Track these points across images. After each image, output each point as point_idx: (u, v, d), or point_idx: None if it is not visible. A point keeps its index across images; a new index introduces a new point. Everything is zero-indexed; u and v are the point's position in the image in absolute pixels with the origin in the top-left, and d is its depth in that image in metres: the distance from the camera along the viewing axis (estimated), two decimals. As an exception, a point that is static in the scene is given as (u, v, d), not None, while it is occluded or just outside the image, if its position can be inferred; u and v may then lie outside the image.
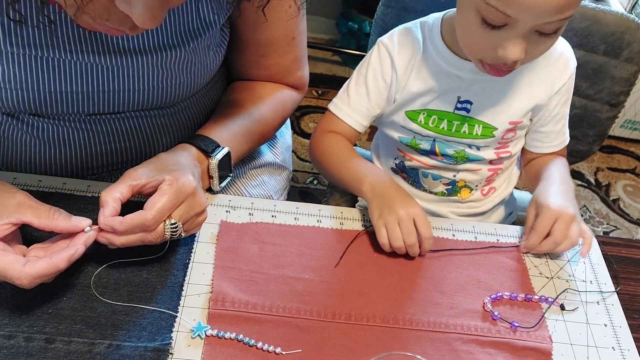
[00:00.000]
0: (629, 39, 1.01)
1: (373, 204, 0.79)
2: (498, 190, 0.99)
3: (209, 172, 0.77)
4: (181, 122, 0.86)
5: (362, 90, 0.90)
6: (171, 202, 0.64)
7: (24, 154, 0.79)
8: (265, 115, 0.88)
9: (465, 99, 0.87)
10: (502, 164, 0.95)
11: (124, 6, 0.51)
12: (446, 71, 0.86)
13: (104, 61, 0.72)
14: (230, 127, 0.83)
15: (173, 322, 0.65)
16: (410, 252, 0.76)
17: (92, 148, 0.80)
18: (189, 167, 0.70)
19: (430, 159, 0.92)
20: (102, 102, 0.75)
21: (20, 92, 0.71)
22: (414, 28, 0.89)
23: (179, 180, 0.65)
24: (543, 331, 0.70)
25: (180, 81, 0.78)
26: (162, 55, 0.74)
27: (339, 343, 0.66)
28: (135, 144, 0.83)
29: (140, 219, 0.62)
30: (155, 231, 0.64)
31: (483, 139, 0.89)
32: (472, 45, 0.77)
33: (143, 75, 0.74)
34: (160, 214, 0.63)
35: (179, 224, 0.65)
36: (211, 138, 0.78)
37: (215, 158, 0.76)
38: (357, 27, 2.29)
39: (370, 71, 0.89)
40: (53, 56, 0.70)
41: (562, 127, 0.92)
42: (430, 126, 0.89)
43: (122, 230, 0.62)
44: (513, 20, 0.70)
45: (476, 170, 0.94)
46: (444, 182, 0.95)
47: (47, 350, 0.60)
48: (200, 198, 0.67)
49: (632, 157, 2.23)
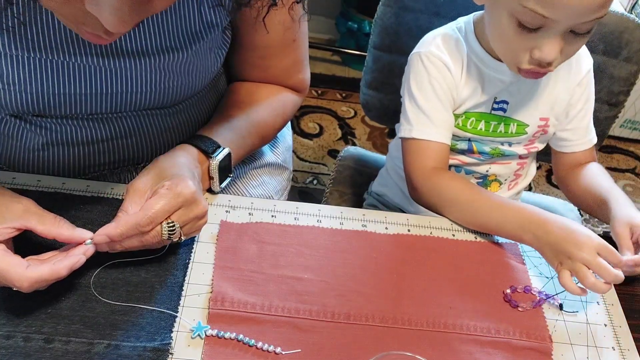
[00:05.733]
0: (628, 39, 1.01)
1: (546, 254, 0.73)
2: (520, 185, 1.02)
3: (209, 172, 0.77)
4: (182, 122, 0.86)
5: (438, 105, 0.87)
6: (168, 205, 0.64)
7: (26, 151, 0.79)
8: (265, 117, 0.88)
9: (501, 99, 0.88)
10: (528, 158, 0.98)
11: (94, 9, 0.50)
12: (487, 74, 0.87)
13: (107, 64, 0.72)
14: (231, 128, 0.83)
15: (173, 322, 0.65)
16: (617, 282, 0.69)
17: (93, 146, 0.80)
18: (189, 169, 0.70)
19: (467, 157, 0.94)
20: (104, 103, 0.75)
21: (25, 95, 0.71)
22: (453, 33, 0.89)
23: (178, 185, 0.65)
24: (543, 331, 0.70)
25: (181, 83, 0.78)
26: (165, 58, 0.74)
27: (338, 343, 0.66)
28: (136, 143, 0.83)
29: (135, 221, 0.62)
30: (152, 233, 0.64)
31: (517, 137, 0.91)
32: (507, 49, 0.78)
33: (145, 77, 0.74)
34: (155, 216, 0.63)
35: (176, 225, 0.65)
36: (212, 138, 0.78)
37: (215, 159, 0.76)
38: (356, 27, 2.29)
39: (435, 83, 0.87)
40: (57, 59, 0.70)
41: (587, 123, 0.93)
42: (469, 128, 0.90)
43: (118, 235, 0.62)
44: (550, 22, 0.70)
45: (507, 164, 0.96)
46: (475, 177, 0.97)
47: (45, 350, 0.60)
48: (199, 202, 0.67)
49: (631, 157, 2.23)
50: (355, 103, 2.24)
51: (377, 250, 0.77)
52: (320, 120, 2.18)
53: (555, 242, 0.72)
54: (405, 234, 0.80)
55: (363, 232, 0.79)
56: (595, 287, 0.69)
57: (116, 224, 0.63)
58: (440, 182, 0.84)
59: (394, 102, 1.02)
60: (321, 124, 2.17)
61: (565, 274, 0.71)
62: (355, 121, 2.20)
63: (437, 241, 0.79)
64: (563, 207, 1.25)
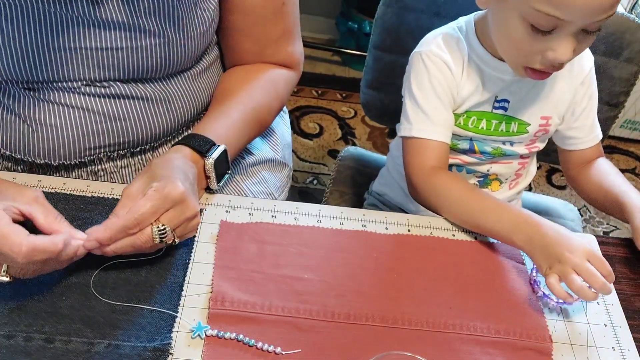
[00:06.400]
0: (629, 39, 1.01)
1: (536, 258, 0.73)
2: (521, 184, 1.02)
3: (205, 172, 0.77)
4: (176, 108, 0.85)
5: (438, 104, 0.87)
6: (155, 207, 0.64)
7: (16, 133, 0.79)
8: (258, 100, 0.87)
9: (502, 98, 0.89)
10: (529, 158, 0.98)
11: None
12: (488, 73, 0.87)
13: (92, 15, 0.71)
14: (226, 122, 0.82)
15: (173, 322, 0.65)
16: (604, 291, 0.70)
17: (86, 128, 0.80)
18: (182, 170, 0.70)
19: (468, 157, 0.94)
20: (94, 63, 0.75)
21: (8, 51, 0.71)
22: (453, 32, 0.89)
23: (166, 187, 0.65)
24: (543, 331, 0.70)
25: (170, 40, 0.77)
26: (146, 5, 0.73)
27: (338, 343, 0.66)
28: (129, 127, 0.82)
29: (122, 224, 0.62)
30: (142, 235, 0.64)
31: (518, 136, 0.91)
32: (517, 52, 0.78)
33: (133, 32, 0.74)
34: (142, 218, 0.63)
35: (167, 228, 0.65)
36: (206, 137, 0.78)
37: (210, 157, 0.76)
38: (356, 27, 2.29)
39: (435, 82, 0.87)
40: (37, 6, 0.69)
41: (592, 120, 0.94)
42: (470, 127, 0.90)
43: (107, 238, 0.62)
44: (564, 23, 0.71)
45: (508, 164, 0.96)
46: (476, 175, 0.97)
47: (46, 350, 0.60)
48: (189, 203, 0.67)
49: (631, 157, 2.23)
50: (355, 103, 2.25)
51: (377, 250, 0.77)
52: (321, 120, 2.18)
53: (547, 245, 0.72)
54: (405, 234, 0.80)
55: (363, 232, 0.79)
56: (582, 292, 0.69)
57: (104, 227, 0.63)
58: (439, 181, 0.85)
59: (394, 102, 1.02)
60: (321, 124, 2.17)
61: (553, 277, 0.71)
62: (355, 121, 2.20)
63: (437, 241, 0.79)
64: (563, 207, 1.26)
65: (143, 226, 0.64)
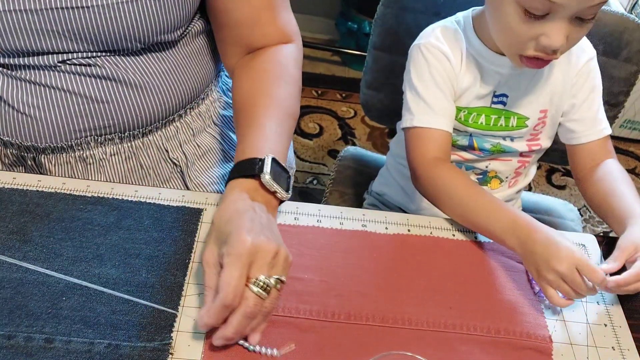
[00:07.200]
0: (628, 39, 1.01)
1: (527, 262, 0.74)
2: (520, 183, 1.02)
3: (267, 189, 0.71)
4: (160, 94, 0.84)
5: (439, 94, 0.87)
6: (238, 271, 0.60)
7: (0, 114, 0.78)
8: (279, 95, 0.82)
9: (501, 92, 0.89)
10: (530, 157, 0.97)
11: None
12: (486, 68, 0.87)
13: None
14: (260, 133, 0.77)
15: (173, 322, 0.65)
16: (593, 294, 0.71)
17: (68, 109, 0.79)
18: (244, 212, 0.65)
19: (467, 154, 0.94)
20: (60, 28, 0.73)
21: None
22: (451, 25, 0.89)
23: (235, 247, 0.61)
24: (543, 331, 0.71)
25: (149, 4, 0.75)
26: None
27: (338, 343, 0.66)
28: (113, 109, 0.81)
29: (220, 303, 0.60)
30: (248, 301, 0.61)
31: (517, 130, 0.91)
32: (513, 39, 0.78)
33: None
34: (235, 288, 0.60)
35: (261, 277, 0.61)
36: (250, 158, 0.72)
37: (265, 174, 0.70)
38: (356, 27, 2.29)
39: (435, 73, 0.87)
40: None
41: (595, 113, 0.92)
42: (470, 122, 0.90)
43: (212, 321, 0.61)
44: (557, 7, 0.71)
45: (507, 161, 0.96)
46: (476, 172, 0.97)
47: (46, 350, 0.60)
48: (264, 247, 0.62)
49: (631, 157, 2.23)
50: (355, 103, 2.25)
51: (377, 250, 0.77)
52: (320, 121, 2.18)
53: (535, 252, 0.71)
54: (405, 234, 0.80)
55: (363, 232, 0.79)
56: (573, 296, 0.71)
57: (206, 311, 0.61)
58: (439, 173, 0.84)
59: (394, 102, 1.02)
60: (321, 124, 2.17)
61: (549, 290, 0.71)
62: (355, 121, 2.20)
63: (437, 241, 0.79)
64: (563, 207, 1.26)
65: (239, 294, 0.60)
